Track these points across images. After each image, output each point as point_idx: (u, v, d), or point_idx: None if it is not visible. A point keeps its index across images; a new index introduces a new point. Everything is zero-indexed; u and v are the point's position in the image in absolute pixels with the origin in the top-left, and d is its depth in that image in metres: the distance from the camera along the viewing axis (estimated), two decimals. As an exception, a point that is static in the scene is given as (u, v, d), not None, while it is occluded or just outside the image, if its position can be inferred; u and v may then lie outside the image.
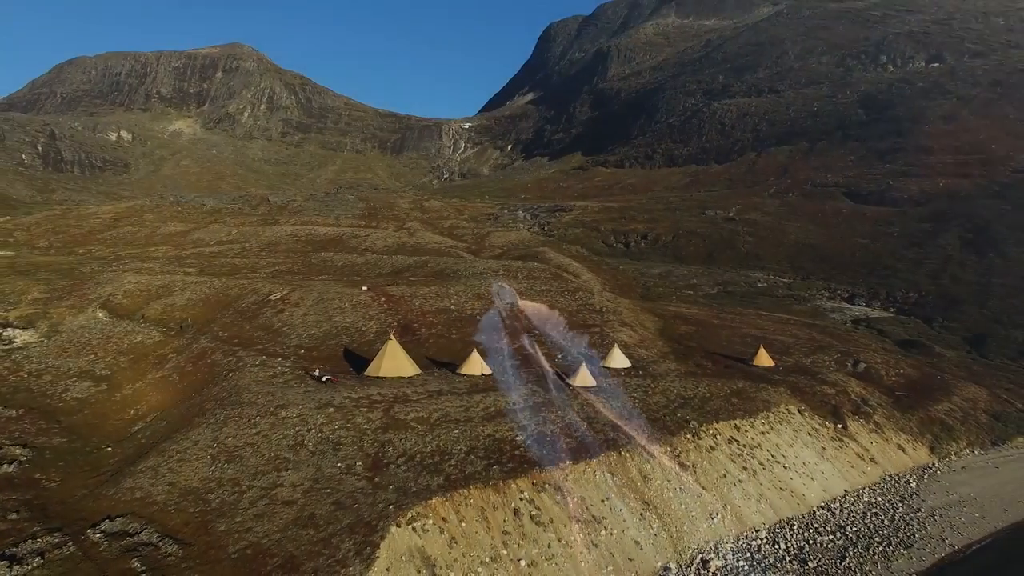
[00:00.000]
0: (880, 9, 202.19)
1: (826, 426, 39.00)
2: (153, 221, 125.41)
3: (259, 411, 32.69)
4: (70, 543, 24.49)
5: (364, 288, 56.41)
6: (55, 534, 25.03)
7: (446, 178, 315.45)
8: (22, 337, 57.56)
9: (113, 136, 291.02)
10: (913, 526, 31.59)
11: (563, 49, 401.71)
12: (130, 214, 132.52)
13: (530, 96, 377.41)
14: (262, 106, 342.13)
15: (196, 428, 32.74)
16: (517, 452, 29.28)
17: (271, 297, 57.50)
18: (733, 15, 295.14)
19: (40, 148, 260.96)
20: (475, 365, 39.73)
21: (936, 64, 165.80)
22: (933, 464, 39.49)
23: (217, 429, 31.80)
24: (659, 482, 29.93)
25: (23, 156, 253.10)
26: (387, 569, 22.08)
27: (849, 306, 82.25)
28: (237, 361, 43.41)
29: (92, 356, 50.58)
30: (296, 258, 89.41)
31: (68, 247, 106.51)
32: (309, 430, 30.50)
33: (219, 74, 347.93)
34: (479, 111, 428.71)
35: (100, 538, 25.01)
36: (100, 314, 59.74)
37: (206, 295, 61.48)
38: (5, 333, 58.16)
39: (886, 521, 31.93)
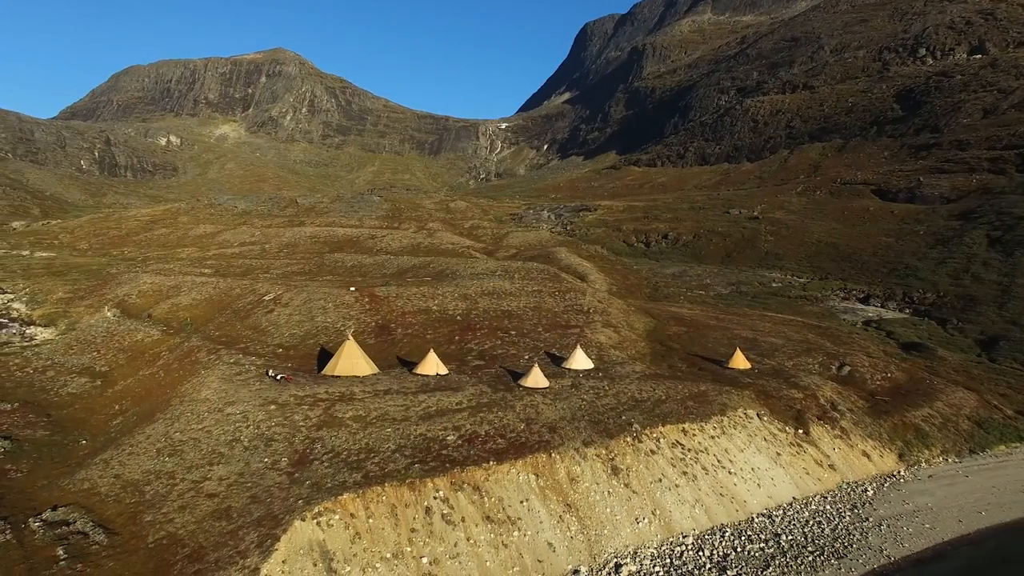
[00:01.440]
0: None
1: (785, 431, 38.22)
2: (186, 223, 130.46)
3: (209, 408, 34.20)
4: (8, 531, 26.16)
5: (351, 289, 57.76)
6: (-2, 522, 26.80)
7: (482, 178, 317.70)
8: (42, 335, 61.15)
9: (163, 141, 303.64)
10: (854, 536, 30.74)
11: (599, 48, 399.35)
12: (165, 216, 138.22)
13: (566, 96, 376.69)
14: (303, 109, 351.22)
15: (154, 423, 34.44)
16: (444, 452, 29.86)
17: (266, 297, 59.42)
18: (770, 10, 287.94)
19: (97, 154, 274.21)
20: (431, 365, 40.38)
21: (978, 56, 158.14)
22: (899, 472, 38.18)
23: (170, 424, 33.42)
24: (587, 484, 30.03)
25: (81, 162, 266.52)
26: (284, 561, 22.99)
27: (863, 307, 79.86)
28: (216, 359, 45.16)
29: (95, 353, 53.28)
30: (310, 259, 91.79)
31: (105, 249, 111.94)
32: (248, 426, 31.75)
33: (263, 79, 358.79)
34: (516, 111, 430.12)
35: (39, 527, 26.64)
36: (109, 313, 62.82)
37: (210, 295, 63.95)
38: (28, 331, 61.94)
39: (827, 530, 31.16)
